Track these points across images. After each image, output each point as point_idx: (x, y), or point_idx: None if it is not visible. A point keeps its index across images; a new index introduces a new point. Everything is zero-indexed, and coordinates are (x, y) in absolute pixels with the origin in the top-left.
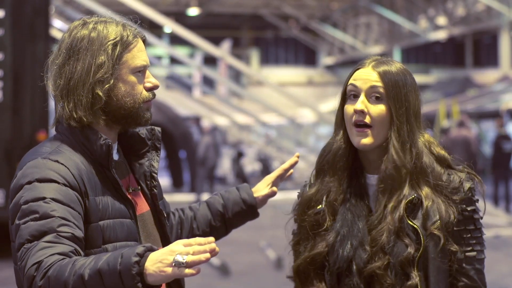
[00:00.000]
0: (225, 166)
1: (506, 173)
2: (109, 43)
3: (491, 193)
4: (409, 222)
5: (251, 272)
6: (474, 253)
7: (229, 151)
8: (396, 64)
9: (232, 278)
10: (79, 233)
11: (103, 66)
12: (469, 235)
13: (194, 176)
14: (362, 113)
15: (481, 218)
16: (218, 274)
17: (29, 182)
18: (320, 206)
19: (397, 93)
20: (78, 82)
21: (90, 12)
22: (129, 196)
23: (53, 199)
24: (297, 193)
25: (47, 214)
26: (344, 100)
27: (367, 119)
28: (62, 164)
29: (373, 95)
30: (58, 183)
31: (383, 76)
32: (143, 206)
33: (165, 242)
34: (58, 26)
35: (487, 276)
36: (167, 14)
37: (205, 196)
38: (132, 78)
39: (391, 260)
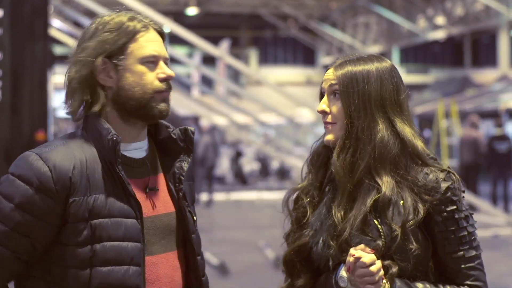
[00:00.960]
0: (224, 165)
1: (503, 173)
2: (107, 32)
3: (489, 192)
4: (374, 220)
5: (250, 271)
6: (461, 253)
7: (228, 151)
8: (366, 61)
9: (231, 277)
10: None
11: (93, 51)
12: (452, 236)
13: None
14: (324, 112)
15: (469, 215)
16: (216, 274)
17: (13, 174)
18: (303, 200)
19: (350, 87)
20: (81, 73)
21: (89, 12)
22: (137, 196)
23: (19, 207)
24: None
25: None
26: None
27: (329, 118)
28: (47, 165)
29: (332, 94)
30: (32, 186)
31: (339, 75)
32: (162, 208)
33: (187, 246)
34: (57, 26)
35: (486, 276)
36: (166, 13)
37: (204, 196)
38: (140, 68)
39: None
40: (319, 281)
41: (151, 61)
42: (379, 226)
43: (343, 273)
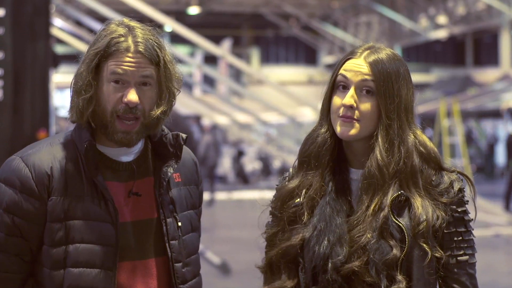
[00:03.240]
0: (225, 165)
1: None
2: (91, 52)
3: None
4: (394, 220)
5: (251, 271)
6: (466, 257)
7: (229, 150)
8: (388, 53)
9: (232, 276)
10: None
11: (77, 76)
12: (460, 238)
13: None
14: (351, 108)
15: (472, 220)
16: (218, 273)
17: None
18: (298, 199)
19: (388, 88)
20: (73, 87)
21: (91, 11)
22: (116, 200)
23: (7, 211)
24: (276, 185)
25: None
26: (332, 89)
27: (356, 115)
28: (28, 166)
29: (364, 89)
30: (15, 188)
31: (374, 68)
32: (143, 213)
33: (162, 253)
34: (58, 25)
35: (487, 276)
36: (168, 13)
37: (206, 195)
38: (108, 87)
39: (371, 257)
40: (319, 279)
41: (118, 81)
42: (402, 226)
43: None
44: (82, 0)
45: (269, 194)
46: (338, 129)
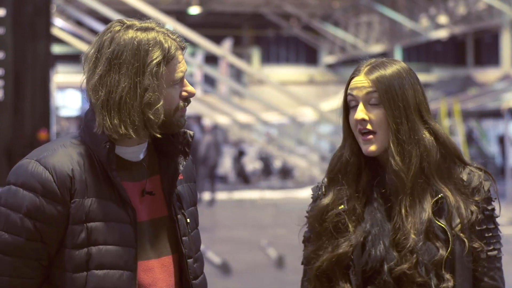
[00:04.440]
0: (226, 165)
1: None
2: (153, 62)
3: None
4: (437, 222)
5: (252, 270)
6: (495, 252)
7: (230, 150)
8: (391, 65)
9: (233, 276)
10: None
11: (149, 90)
12: (490, 234)
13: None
14: (363, 121)
15: (498, 216)
16: (218, 273)
17: (15, 184)
18: (343, 206)
19: (391, 95)
20: (125, 100)
21: (92, 11)
22: (132, 200)
23: (28, 216)
24: (311, 195)
25: (8, 243)
26: (346, 110)
27: (369, 126)
28: (47, 169)
29: (371, 101)
30: (37, 193)
31: (375, 81)
32: (156, 211)
33: (175, 250)
34: (59, 25)
35: None
36: (168, 12)
37: (206, 195)
38: (170, 91)
39: (420, 259)
40: (372, 281)
41: (179, 82)
42: (444, 227)
43: None
44: (83, 0)
45: (270, 194)
46: (362, 148)
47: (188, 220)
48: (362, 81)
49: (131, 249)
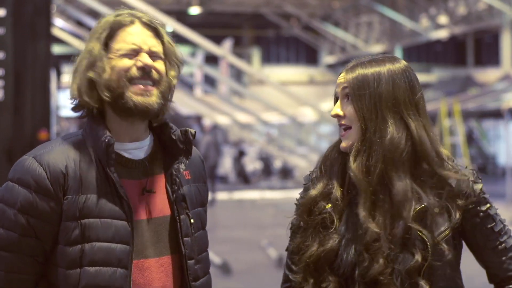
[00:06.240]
0: (226, 165)
1: None
2: (98, 27)
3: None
4: (418, 232)
5: (252, 270)
6: (503, 246)
7: (230, 150)
8: (379, 62)
9: (233, 276)
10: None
11: (92, 52)
12: (491, 232)
13: None
14: (338, 116)
15: (497, 209)
16: (219, 273)
17: (11, 180)
18: (330, 205)
19: (361, 90)
20: (78, 64)
21: (92, 11)
22: (131, 198)
23: (21, 211)
24: (303, 184)
25: (2, 238)
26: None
27: (344, 121)
28: (42, 166)
29: (346, 97)
30: (30, 189)
31: (349, 77)
32: (157, 210)
33: (175, 250)
34: (59, 25)
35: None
36: (168, 13)
37: None
38: (119, 60)
39: (396, 267)
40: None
41: (130, 55)
42: (424, 236)
43: None
44: (83, 0)
45: (270, 194)
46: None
47: (192, 221)
48: (341, 78)
49: (125, 247)
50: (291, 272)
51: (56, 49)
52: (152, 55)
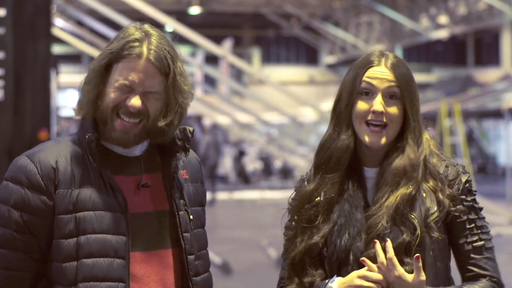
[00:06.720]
0: (226, 165)
1: None
2: (106, 51)
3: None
4: (406, 212)
5: (253, 270)
6: (481, 243)
7: (230, 150)
8: (400, 59)
9: (234, 276)
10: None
11: (93, 72)
12: (473, 225)
13: None
14: (381, 114)
15: (482, 208)
16: (219, 273)
17: (6, 179)
18: (319, 198)
19: (410, 92)
20: (84, 81)
21: (92, 11)
22: (125, 192)
23: (15, 207)
24: (294, 187)
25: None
26: (353, 96)
27: (384, 118)
28: (33, 162)
29: (389, 95)
30: (22, 185)
31: (398, 75)
32: (154, 205)
33: (175, 245)
34: (59, 25)
35: None
36: (169, 12)
37: (207, 195)
38: (114, 88)
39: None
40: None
41: (121, 89)
42: (414, 217)
43: (332, 285)
44: (83, 0)
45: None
46: (366, 138)
47: (191, 217)
48: (384, 73)
49: (121, 237)
50: (283, 271)
51: (56, 49)
52: (147, 95)
